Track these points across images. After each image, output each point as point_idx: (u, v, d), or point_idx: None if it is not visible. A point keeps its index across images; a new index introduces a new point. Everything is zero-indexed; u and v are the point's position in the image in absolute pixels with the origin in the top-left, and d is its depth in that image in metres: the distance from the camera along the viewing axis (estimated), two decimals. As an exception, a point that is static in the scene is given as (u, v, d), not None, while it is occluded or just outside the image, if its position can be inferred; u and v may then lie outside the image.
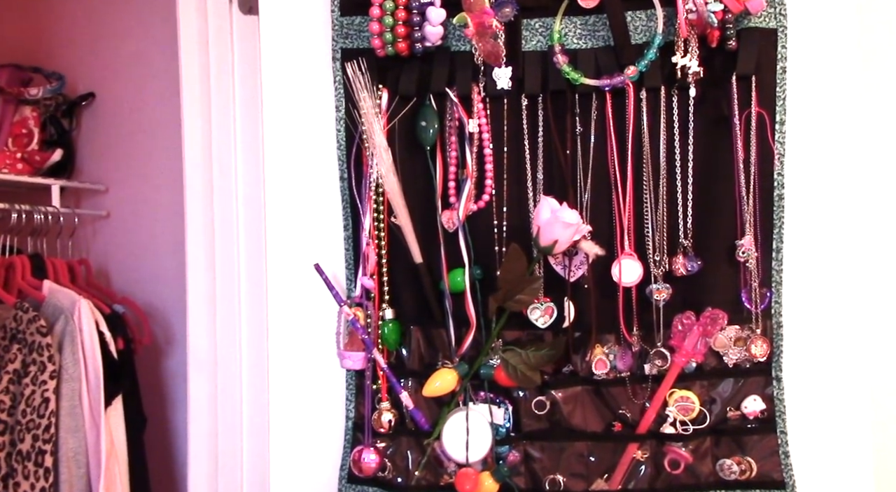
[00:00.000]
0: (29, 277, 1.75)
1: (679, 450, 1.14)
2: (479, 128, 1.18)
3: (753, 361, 1.15)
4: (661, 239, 1.16)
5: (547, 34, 1.17)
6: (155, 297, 2.04)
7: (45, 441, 1.55)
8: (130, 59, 2.08)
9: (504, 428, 1.18)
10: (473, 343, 1.18)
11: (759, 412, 1.15)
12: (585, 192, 1.17)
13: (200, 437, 1.60)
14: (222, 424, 1.59)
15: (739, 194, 1.14)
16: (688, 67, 1.12)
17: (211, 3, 1.57)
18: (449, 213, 1.18)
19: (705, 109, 1.15)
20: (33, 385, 1.57)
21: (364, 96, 1.17)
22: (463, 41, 1.18)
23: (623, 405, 1.17)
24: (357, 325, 1.17)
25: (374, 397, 1.21)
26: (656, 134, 1.15)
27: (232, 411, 1.58)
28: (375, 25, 1.15)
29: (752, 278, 1.14)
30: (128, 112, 2.09)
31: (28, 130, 1.99)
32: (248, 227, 1.58)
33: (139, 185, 2.07)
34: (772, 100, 1.14)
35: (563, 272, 1.17)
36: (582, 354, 1.17)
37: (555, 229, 1.10)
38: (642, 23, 1.15)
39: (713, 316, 1.13)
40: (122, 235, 2.09)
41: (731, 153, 1.14)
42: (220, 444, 1.60)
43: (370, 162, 1.19)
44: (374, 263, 1.20)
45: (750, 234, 1.13)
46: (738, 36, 1.12)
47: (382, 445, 1.21)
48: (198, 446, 1.61)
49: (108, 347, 1.69)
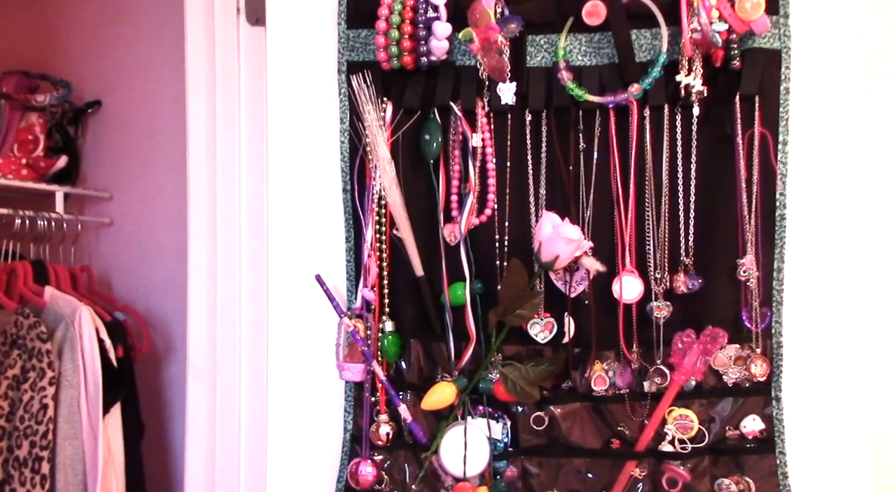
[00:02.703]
0: (31, 283, 1.76)
1: (677, 468, 1.13)
2: (482, 142, 1.18)
3: (753, 380, 1.15)
4: (662, 256, 1.16)
5: (552, 50, 1.17)
6: (156, 305, 2.04)
7: (42, 448, 1.55)
8: (137, 68, 2.09)
9: (502, 443, 1.18)
10: (473, 357, 1.18)
11: (758, 432, 1.14)
12: (587, 208, 1.17)
13: (198, 446, 1.60)
14: (220, 433, 1.59)
15: (741, 213, 1.14)
16: (691, 86, 1.12)
17: (218, 13, 1.58)
18: (451, 226, 1.18)
19: (708, 128, 1.15)
20: (32, 391, 1.57)
21: (369, 109, 1.17)
22: (468, 56, 1.18)
23: (622, 422, 1.17)
24: (357, 337, 1.17)
25: (373, 410, 1.21)
26: (659, 152, 1.16)
27: (230, 421, 1.58)
28: (381, 39, 1.15)
29: (752, 297, 1.14)
30: (133, 120, 2.10)
31: (34, 137, 2.00)
32: (250, 236, 1.58)
33: (143, 193, 2.08)
34: (775, 120, 1.14)
35: (564, 288, 1.17)
36: (581, 370, 1.17)
37: (556, 245, 1.10)
38: (647, 41, 1.15)
39: (713, 334, 1.13)
40: (125, 243, 2.10)
41: (733, 172, 1.14)
42: (217, 453, 1.59)
43: (373, 174, 1.19)
44: (375, 275, 1.20)
45: (751, 253, 1.13)
46: (742, 56, 1.12)
47: (380, 458, 1.20)
48: (195, 456, 1.60)
49: (107, 355, 1.69)
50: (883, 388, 1.26)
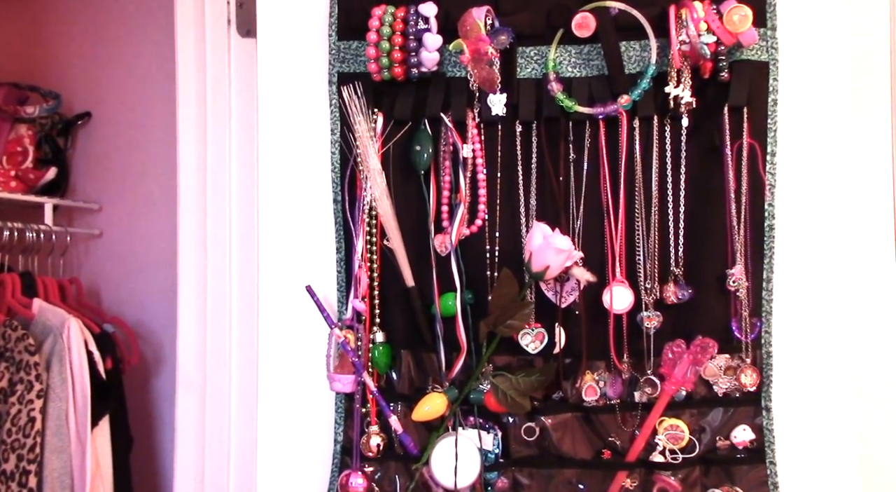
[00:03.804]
0: (19, 295, 1.75)
1: (668, 479, 1.13)
2: (473, 153, 1.18)
3: (743, 390, 1.15)
4: (652, 267, 1.16)
5: (542, 62, 1.18)
6: (145, 316, 2.03)
7: (29, 461, 1.54)
8: (127, 80, 2.09)
9: (493, 454, 1.18)
10: (464, 368, 1.18)
11: (748, 442, 1.15)
12: (578, 218, 1.17)
13: (187, 458, 1.59)
14: (209, 445, 1.58)
15: (730, 224, 1.15)
16: (680, 98, 1.13)
17: (209, 25, 1.59)
18: (441, 237, 1.18)
19: (697, 139, 1.16)
20: (20, 404, 1.56)
21: (359, 120, 1.18)
22: (458, 67, 1.19)
23: (613, 433, 1.17)
24: (347, 347, 1.17)
25: (363, 421, 1.20)
26: (649, 162, 1.16)
27: (220, 433, 1.57)
28: (372, 50, 1.16)
29: (742, 308, 1.15)
30: (123, 132, 2.10)
31: (23, 149, 1.99)
32: (240, 247, 1.58)
33: (133, 204, 2.08)
34: (763, 131, 1.15)
35: (555, 298, 1.17)
36: (572, 380, 1.17)
37: (547, 255, 1.10)
38: (636, 53, 1.16)
39: (703, 344, 1.13)
40: (115, 254, 2.09)
41: (722, 183, 1.14)
42: (206, 466, 1.58)
43: (364, 185, 1.19)
44: (365, 285, 1.20)
45: (741, 263, 1.14)
46: (731, 68, 1.13)
47: (370, 469, 1.20)
48: (184, 468, 1.59)
49: (96, 367, 1.68)
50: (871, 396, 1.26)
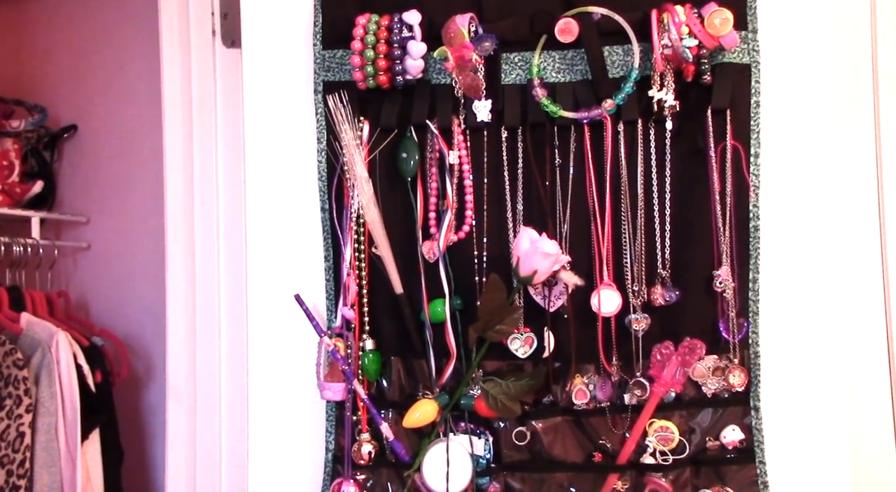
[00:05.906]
0: (6, 309, 1.74)
1: (659, 480, 1.14)
2: (459, 159, 1.19)
3: (732, 390, 1.15)
4: (639, 269, 1.17)
5: (526, 68, 1.18)
6: (134, 329, 2.02)
7: (19, 477, 1.53)
8: (113, 92, 2.09)
9: (484, 459, 1.18)
10: (454, 374, 1.18)
11: (737, 442, 1.15)
12: (565, 222, 1.18)
13: (178, 470, 1.58)
14: (200, 457, 1.57)
15: (716, 225, 1.15)
16: (664, 101, 1.14)
17: (194, 36, 1.59)
18: (429, 243, 1.19)
19: (681, 142, 1.17)
20: (9, 419, 1.55)
21: (345, 128, 1.18)
22: (443, 74, 1.19)
23: (603, 436, 1.17)
24: (337, 356, 1.17)
25: (355, 429, 1.20)
26: (634, 166, 1.17)
27: (211, 444, 1.57)
28: (357, 58, 1.16)
29: (729, 308, 1.15)
30: (110, 144, 2.09)
31: (9, 163, 1.98)
32: (228, 258, 1.58)
33: (120, 216, 2.07)
34: (746, 133, 1.16)
35: (543, 302, 1.18)
36: (562, 384, 1.17)
37: (534, 260, 1.10)
38: (619, 57, 1.17)
39: (691, 346, 1.14)
40: (103, 267, 2.09)
41: (707, 185, 1.15)
42: (198, 478, 1.58)
43: (351, 193, 1.20)
44: (354, 293, 1.20)
45: (727, 264, 1.15)
46: (713, 71, 1.14)
47: (362, 477, 1.20)
48: (175, 481, 1.59)
49: (85, 380, 1.68)
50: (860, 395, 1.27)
